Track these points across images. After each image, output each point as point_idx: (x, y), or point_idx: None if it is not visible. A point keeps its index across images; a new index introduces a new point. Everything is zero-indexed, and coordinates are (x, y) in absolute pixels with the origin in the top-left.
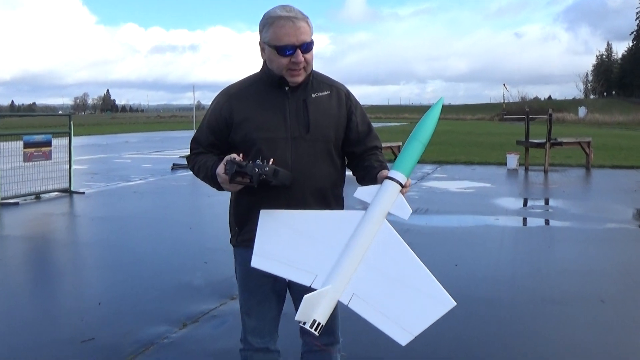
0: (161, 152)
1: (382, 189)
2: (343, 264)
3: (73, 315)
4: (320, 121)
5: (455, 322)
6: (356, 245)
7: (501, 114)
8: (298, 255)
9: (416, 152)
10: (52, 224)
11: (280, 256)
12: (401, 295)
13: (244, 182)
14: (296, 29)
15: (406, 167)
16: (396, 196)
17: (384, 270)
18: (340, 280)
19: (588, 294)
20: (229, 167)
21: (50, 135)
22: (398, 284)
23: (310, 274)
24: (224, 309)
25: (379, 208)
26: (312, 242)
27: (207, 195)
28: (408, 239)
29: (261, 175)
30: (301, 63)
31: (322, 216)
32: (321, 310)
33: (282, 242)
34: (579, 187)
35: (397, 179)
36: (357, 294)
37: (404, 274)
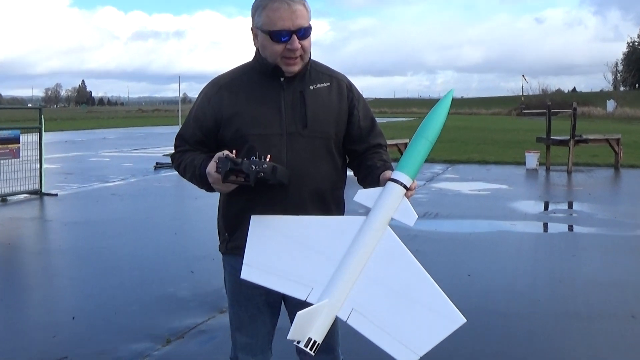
0: (143, 150)
1: (385, 192)
2: (341, 276)
3: (43, 331)
4: (319, 115)
5: (468, 337)
6: (356, 255)
7: (519, 108)
8: (292, 266)
9: (422, 151)
10: (20, 230)
11: (273, 267)
12: (405, 311)
13: (238, 181)
14: (292, 13)
15: (411, 167)
16: (400, 200)
17: (387, 283)
18: (338, 294)
19: (617, 308)
20: (221, 165)
21: (18, 131)
22: (402, 298)
23: (306, 286)
24: (212, 323)
25: (381, 214)
26: (308, 251)
27: (193, 197)
28: (416, 245)
29: (259, 173)
30: (297, 50)
31: (318, 222)
32: (317, 328)
33: (275, 251)
34: (607, 190)
35: (401, 181)
36: (357, 309)
37: (409, 287)
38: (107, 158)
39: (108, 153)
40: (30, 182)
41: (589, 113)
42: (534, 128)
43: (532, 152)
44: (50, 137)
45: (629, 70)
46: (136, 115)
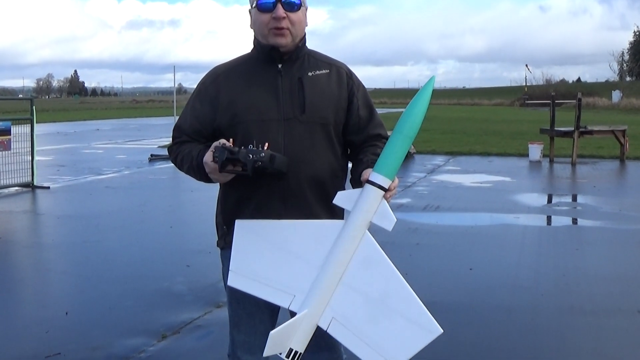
0: (137, 142)
1: (362, 196)
2: (321, 284)
3: (36, 326)
4: (318, 101)
5: (471, 332)
6: (334, 262)
7: (523, 99)
8: (275, 273)
9: (401, 149)
10: (11, 223)
11: (257, 274)
12: (383, 321)
13: (236, 171)
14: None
15: (389, 168)
16: (378, 203)
17: (365, 291)
18: (317, 303)
19: (622, 303)
20: (218, 154)
21: (9, 122)
22: (380, 307)
23: (288, 294)
24: (208, 318)
25: (359, 219)
26: (290, 257)
27: (190, 190)
28: (416, 239)
29: (256, 162)
30: (282, 20)
31: (300, 227)
32: (298, 337)
33: (259, 257)
34: (612, 182)
35: (378, 183)
36: (337, 318)
37: (387, 295)
38: (100, 150)
39: (101, 145)
40: (22, 175)
41: (593, 104)
42: (538, 119)
43: (535, 144)
44: (42, 128)
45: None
46: (130, 106)
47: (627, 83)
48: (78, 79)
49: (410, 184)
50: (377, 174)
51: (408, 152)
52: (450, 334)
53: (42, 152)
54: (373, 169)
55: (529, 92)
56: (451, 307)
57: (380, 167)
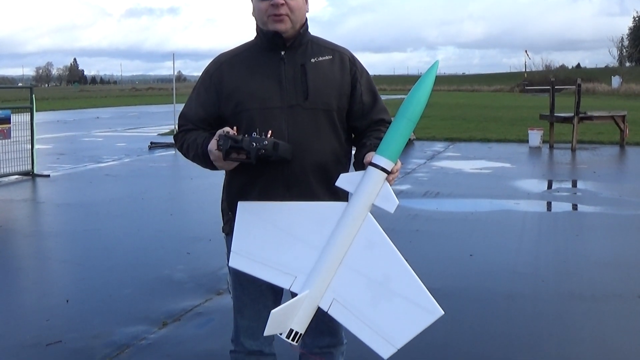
0: (137, 129)
1: (365, 178)
2: (322, 266)
3: (37, 315)
4: (321, 87)
5: (471, 318)
6: (337, 243)
7: (522, 85)
8: (277, 255)
9: (404, 132)
10: (12, 212)
11: (259, 255)
12: (384, 303)
13: (239, 159)
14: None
15: (392, 150)
16: (381, 185)
17: (367, 273)
18: (319, 285)
19: (622, 289)
20: (222, 143)
21: (9, 111)
22: (381, 289)
23: (289, 275)
24: (209, 305)
25: (362, 200)
26: (292, 239)
27: (189, 177)
28: (417, 225)
29: (260, 150)
30: (281, 6)
31: (302, 209)
32: (299, 319)
33: (261, 239)
34: (612, 168)
35: (381, 165)
36: (338, 300)
37: (388, 277)
38: (100, 138)
39: (101, 133)
40: (22, 163)
41: (593, 89)
42: (537, 105)
43: (535, 130)
44: (41, 117)
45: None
46: (130, 94)
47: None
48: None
49: (410, 170)
50: (380, 157)
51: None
52: (451, 320)
53: (41, 141)
54: (376, 152)
55: (528, 78)
56: (451, 293)
57: (383, 149)
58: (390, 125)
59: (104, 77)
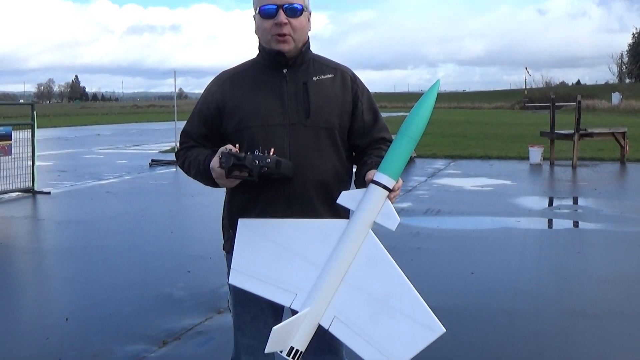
0: (138, 147)
1: (367, 195)
2: (323, 283)
3: (36, 332)
4: (322, 105)
5: (473, 335)
6: (338, 260)
7: (523, 102)
8: (277, 272)
9: (406, 150)
10: (12, 229)
11: (259, 272)
12: (386, 320)
13: (242, 176)
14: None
15: (393, 168)
16: (382, 203)
17: (368, 290)
18: (320, 302)
19: (624, 306)
20: (225, 160)
21: (10, 127)
22: (383, 306)
23: (290, 293)
24: (209, 324)
25: (363, 218)
26: (292, 256)
27: (190, 195)
28: (418, 243)
29: (262, 167)
30: (284, 26)
31: (303, 226)
32: (300, 336)
33: (261, 256)
34: (613, 185)
35: (383, 183)
36: (339, 317)
37: (389, 294)
38: (101, 155)
39: (102, 150)
40: (23, 180)
41: (593, 106)
42: (538, 122)
43: (535, 147)
44: (42, 133)
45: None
46: (131, 111)
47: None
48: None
49: (411, 187)
50: (381, 174)
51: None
52: (452, 337)
53: (42, 157)
54: (378, 169)
55: (528, 95)
56: (453, 310)
57: (385, 167)
58: (392, 143)
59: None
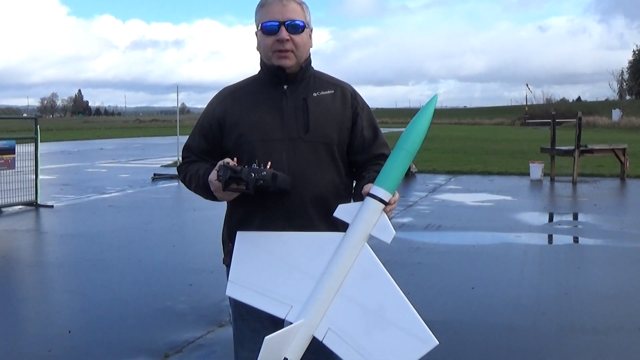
0: (141, 161)
1: (363, 208)
2: (318, 295)
3: (39, 345)
4: (322, 121)
5: (473, 350)
6: (332, 273)
7: (523, 118)
8: (273, 284)
9: (402, 164)
10: (15, 242)
11: (255, 284)
12: (379, 332)
13: (239, 189)
14: (283, 6)
15: (390, 182)
16: (378, 216)
17: (362, 303)
18: (314, 314)
19: (624, 321)
20: (222, 173)
21: (13, 141)
22: (376, 319)
23: (285, 305)
24: (211, 337)
25: (359, 231)
26: (288, 268)
27: (192, 209)
28: (418, 258)
29: (258, 180)
30: (286, 42)
31: (300, 239)
32: (293, 347)
33: (258, 268)
34: (613, 201)
35: (379, 196)
36: (333, 329)
37: (383, 307)
38: (104, 169)
39: (105, 164)
40: (26, 194)
41: (594, 122)
42: (538, 138)
43: (536, 163)
44: (46, 147)
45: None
46: (134, 125)
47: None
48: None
49: (411, 203)
50: (378, 188)
51: (409, 171)
52: (453, 352)
53: (46, 171)
54: (374, 183)
55: (529, 112)
56: (453, 325)
57: (381, 181)
58: (389, 157)
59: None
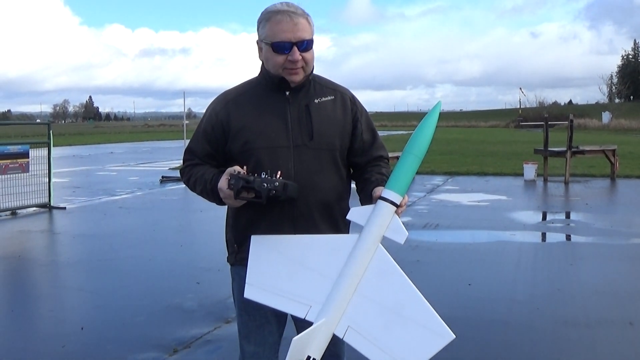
0: (149, 164)
1: (375, 211)
2: (337, 295)
3: (53, 341)
4: (325, 128)
5: (468, 345)
6: (349, 273)
7: (517, 121)
8: (291, 285)
9: (411, 168)
10: (29, 242)
11: (273, 286)
12: (397, 328)
13: (249, 198)
14: (294, 25)
15: (400, 185)
16: (390, 218)
17: (379, 300)
18: (334, 313)
19: (615, 316)
20: (234, 182)
21: (27, 146)
22: (394, 315)
23: (305, 305)
24: (218, 333)
25: (373, 232)
26: (305, 270)
27: (199, 210)
28: (417, 256)
29: (271, 191)
30: (298, 62)
31: (314, 241)
32: (316, 346)
33: (275, 270)
34: (604, 200)
35: (390, 199)
36: (352, 327)
37: (401, 304)
38: (114, 172)
39: (115, 167)
40: (40, 196)
41: (585, 125)
42: (532, 140)
43: (530, 164)
44: (58, 151)
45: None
46: (142, 130)
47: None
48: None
49: (410, 203)
50: (389, 191)
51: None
52: (451, 347)
53: (58, 174)
54: (385, 186)
55: (523, 114)
56: (451, 321)
57: (392, 184)
58: (398, 161)
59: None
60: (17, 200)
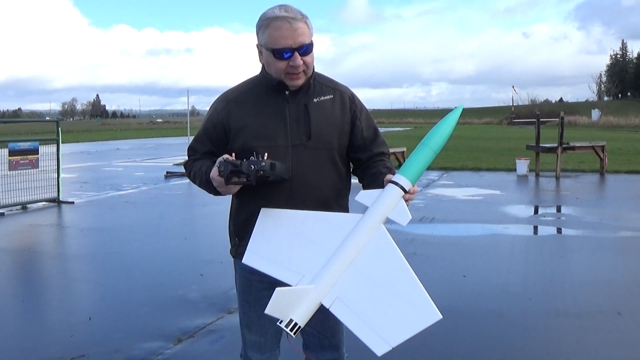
0: (154, 160)
1: (384, 193)
2: (331, 266)
3: (62, 331)
4: (323, 128)
5: (463, 335)
6: (347, 248)
7: (510, 118)
8: (289, 256)
9: (425, 158)
10: (39, 236)
11: (271, 255)
12: (385, 303)
13: (240, 182)
14: (293, 31)
15: (413, 172)
16: (397, 201)
17: (371, 276)
18: (325, 282)
19: (604, 306)
20: (223, 168)
21: (37, 142)
22: (384, 291)
23: (298, 274)
24: (221, 323)
25: (377, 212)
26: (306, 243)
27: (202, 204)
28: (413, 248)
29: (258, 171)
30: (300, 67)
31: (321, 218)
32: (301, 311)
33: (277, 241)
34: (593, 194)
35: (400, 183)
36: (341, 298)
37: (392, 281)
38: (120, 167)
39: (121, 163)
40: (49, 191)
41: (575, 122)
42: (524, 136)
43: (522, 159)
44: (66, 148)
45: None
46: (147, 127)
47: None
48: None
49: None
50: (400, 176)
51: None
52: (446, 336)
53: (67, 170)
54: (398, 172)
55: (515, 112)
56: (446, 312)
57: (405, 170)
58: (414, 151)
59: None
60: (27, 195)
